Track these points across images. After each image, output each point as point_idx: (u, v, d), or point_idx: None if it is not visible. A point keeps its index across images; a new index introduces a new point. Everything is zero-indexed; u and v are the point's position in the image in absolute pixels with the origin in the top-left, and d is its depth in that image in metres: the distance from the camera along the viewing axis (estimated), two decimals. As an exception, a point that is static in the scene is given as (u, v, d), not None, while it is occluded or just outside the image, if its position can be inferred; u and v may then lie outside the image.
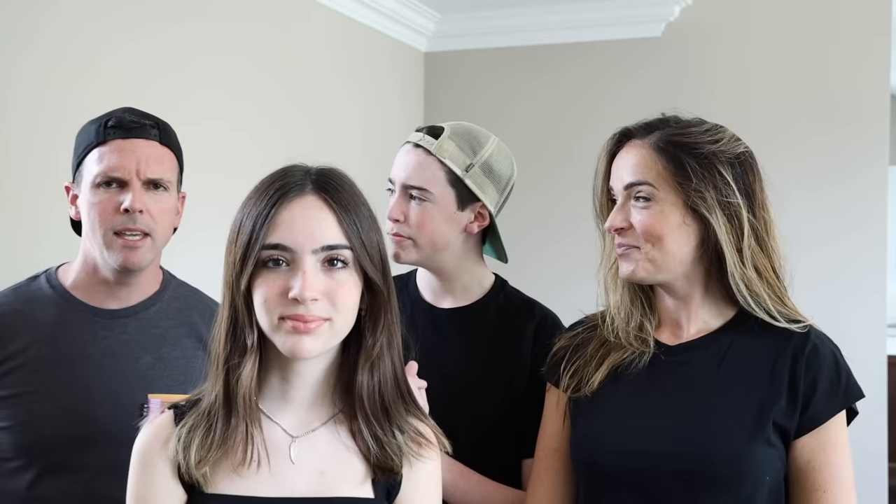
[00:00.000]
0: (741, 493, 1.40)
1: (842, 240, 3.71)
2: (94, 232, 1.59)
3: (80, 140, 1.63)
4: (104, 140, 1.57)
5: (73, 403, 1.57)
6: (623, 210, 1.47)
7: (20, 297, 1.63)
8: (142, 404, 1.59)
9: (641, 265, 1.46)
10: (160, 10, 2.72)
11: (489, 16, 4.10)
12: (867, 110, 3.70)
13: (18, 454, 1.56)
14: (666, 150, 1.45)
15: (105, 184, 1.57)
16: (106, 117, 1.61)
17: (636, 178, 1.46)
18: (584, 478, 1.51)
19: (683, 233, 1.44)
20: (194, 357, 1.68)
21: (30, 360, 1.57)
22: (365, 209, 1.24)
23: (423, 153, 1.70)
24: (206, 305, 1.76)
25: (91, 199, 1.58)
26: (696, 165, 1.43)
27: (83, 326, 1.62)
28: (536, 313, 1.75)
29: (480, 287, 1.77)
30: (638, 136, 1.49)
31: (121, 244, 1.58)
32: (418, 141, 1.72)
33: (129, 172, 1.57)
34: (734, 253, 1.43)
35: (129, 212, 1.57)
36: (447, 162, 1.69)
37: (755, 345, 1.46)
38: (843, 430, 1.45)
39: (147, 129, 1.60)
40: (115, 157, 1.57)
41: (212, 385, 1.23)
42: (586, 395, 1.50)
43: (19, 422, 1.55)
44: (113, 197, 1.58)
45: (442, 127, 1.73)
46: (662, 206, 1.44)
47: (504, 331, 1.72)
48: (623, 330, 1.51)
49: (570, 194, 3.90)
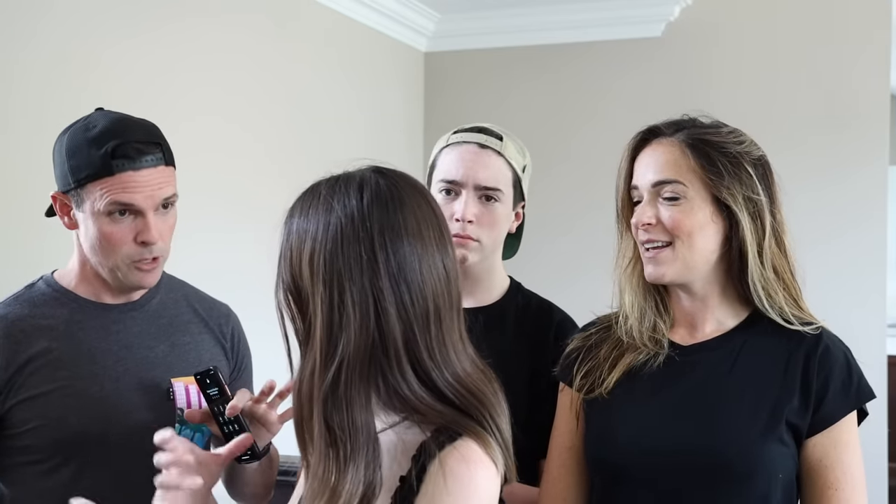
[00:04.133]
0: (755, 491, 1.41)
1: (842, 240, 3.71)
2: (106, 257, 1.59)
3: (79, 161, 1.56)
4: (111, 172, 1.53)
5: (105, 395, 1.59)
6: (651, 206, 1.48)
7: (24, 303, 1.64)
8: (167, 389, 1.64)
9: (671, 266, 1.46)
10: (159, 8, 2.72)
11: (489, 16, 4.10)
12: (867, 110, 3.71)
13: (57, 451, 1.57)
14: (696, 146, 1.46)
15: (119, 213, 1.56)
16: (106, 141, 1.54)
17: (665, 175, 1.47)
18: (599, 476, 1.52)
19: (711, 230, 1.46)
20: (202, 340, 1.72)
21: (53, 359, 1.58)
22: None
23: (493, 154, 1.71)
24: (194, 291, 1.80)
25: (102, 228, 1.56)
26: (726, 163, 1.45)
27: (96, 322, 1.63)
28: (555, 315, 1.77)
29: (500, 287, 1.79)
30: (665, 134, 1.50)
31: (136, 269, 1.60)
32: (483, 142, 1.72)
33: (144, 204, 1.56)
34: (755, 252, 1.45)
35: (145, 243, 1.57)
36: (513, 163, 1.73)
37: (768, 345, 1.47)
38: (854, 429, 1.46)
39: (153, 155, 1.57)
40: (129, 190, 1.54)
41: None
42: (601, 395, 1.51)
43: (55, 418, 1.56)
44: (126, 226, 1.57)
45: (495, 129, 1.75)
46: (692, 203, 1.45)
47: (526, 332, 1.73)
48: (637, 330, 1.52)
49: (569, 193, 3.91)
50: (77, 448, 1.57)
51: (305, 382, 1.14)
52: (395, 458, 1.12)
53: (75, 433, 1.57)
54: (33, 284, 1.68)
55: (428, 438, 1.10)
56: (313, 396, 1.12)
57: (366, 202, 1.14)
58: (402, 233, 1.13)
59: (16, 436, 1.57)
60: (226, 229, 2.97)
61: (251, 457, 1.57)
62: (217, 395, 1.54)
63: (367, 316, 1.11)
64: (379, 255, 1.12)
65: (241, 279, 2.89)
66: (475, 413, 1.13)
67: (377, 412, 1.14)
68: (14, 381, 1.56)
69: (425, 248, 1.14)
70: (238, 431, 1.55)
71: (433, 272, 1.14)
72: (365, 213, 1.13)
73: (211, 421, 1.57)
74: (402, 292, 1.12)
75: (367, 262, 1.11)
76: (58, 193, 1.61)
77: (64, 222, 1.64)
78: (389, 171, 1.19)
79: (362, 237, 1.12)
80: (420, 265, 1.13)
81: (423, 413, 1.12)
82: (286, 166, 3.27)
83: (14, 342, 1.58)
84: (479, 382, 1.16)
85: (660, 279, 1.48)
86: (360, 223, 1.12)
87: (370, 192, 1.15)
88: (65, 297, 1.64)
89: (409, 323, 1.12)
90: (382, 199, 1.14)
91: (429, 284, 1.13)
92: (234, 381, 1.75)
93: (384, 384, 1.13)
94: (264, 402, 1.58)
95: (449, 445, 1.09)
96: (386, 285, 1.11)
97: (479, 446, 1.10)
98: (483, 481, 1.10)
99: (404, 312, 1.12)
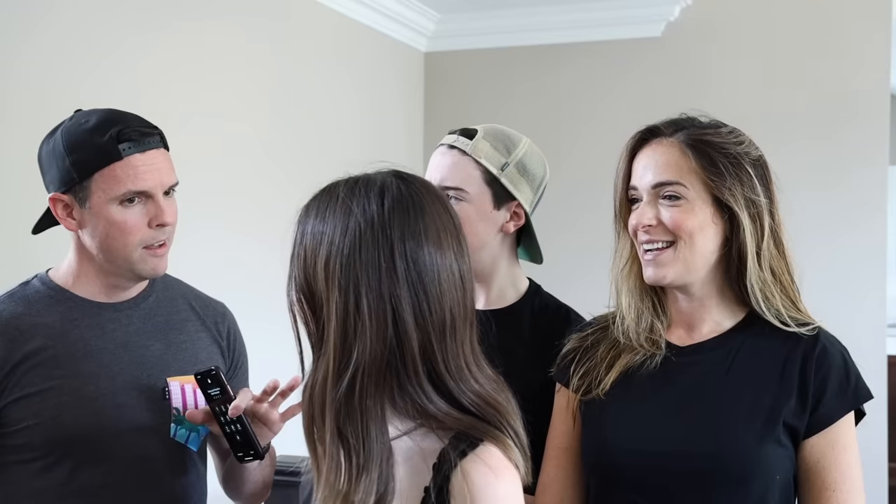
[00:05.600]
0: (752, 493, 1.41)
1: (841, 240, 3.71)
2: (120, 248, 1.58)
3: (83, 153, 1.56)
4: (120, 156, 1.55)
5: (101, 394, 1.58)
6: (652, 207, 1.47)
7: (18, 301, 1.63)
8: (163, 388, 1.64)
9: (672, 268, 1.46)
10: (159, 9, 2.72)
11: (489, 16, 4.10)
12: (867, 110, 3.71)
13: (51, 450, 1.56)
14: (696, 147, 1.45)
15: (129, 200, 1.57)
16: (108, 129, 1.56)
17: (665, 177, 1.46)
18: (595, 477, 1.51)
19: (711, 231, 1.45)
20: (198, 339, 1.72)
21: (48, 357, 1.58)
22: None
23: (458, 154, 1.71)
24: (190, 289, 1.80)
25: (113, 218, 1.56)
26: (727, 163, 1.44)
27: (91, 320, 1.63)
28: (573, 320, 1.74)
29: (515, 290, 1.77)
30: (664, 134, 1.49)
31: (149, 255, 1.60)
32: (452, 142, 1.72)
33: (155, 186, 1.57)
34: (754, 253, 1.44)
35: (161, 226, 1.58)
36: (483, 161, 1.70)
37: (765, 345, 1.47)
38: (851, 430, 1.46)
39: (155, 138, 1.60)
40: (139, 175, 1.56)
41: None
42: (598, 396, 1.50)
43: (50, 416, 1.55)
44: (139, 212, 1.57)
45: (475, 128, 1.74)
46: (693, 204, 1.44)
47: (541, 337, 1.71)
48: (634, 331, 1.51)
49: (568, 193, 3.90)
50: (72, 447, 1.56)
51: (318, 388, 1.12)
52: (413, 467, 1.10)
53: (70, 432, 1.56)
54: (28, 282, 1.67)
55: (447, 446, 1.08)
56: (326, 403, 1.10)
57: (387, 208, 1.11)
58: (422, 241, 1.11)
59: (9, 434, 1.56)
60: (224, 228, 2.97)
61: (254, 456, 1.57)
62: (219, 395, 1.54)
63: (383, 324, 1.09)
64: (398, 263, 1.09)
65: (239, 278, 2.90)
66: (493, 419, 1.12)
67: (391, 419, 1.12)
68: (9, 379, 1.56)
69: (444, 257, 1.12)
70: (240, 431, 1.54)
71: (451, 281, 1.12)
72: (386, 218, 1.10)
73: (212, 421, 1.57)
74: (420, 301, 1.10)
75: (386, 270, 1.09)
76: (57, 194, 1.59)
77: (66, 225, 1.62)
78: (410, 176, 1.17)
79: (382, 243, 1.09)
80: (439, 274, 1.11)
81: (441, 420, 1.10)
82: (286, 166, 3.27)
83: (10, 339, 1.57)
84: (492, 392, 1.15)
85: (660, 281, 1.47)
86: (380, 229, 1.10)
87: (391, 197, 1.12)
88: (60, 296, 1.63)
89: (427, 332, 1.10)
90: (404, 206, 1.12)
91: (447, 294, 1.12)
92: (230, 379, 1.75)
93: (400, 393, 1.11)
94: (266, 401, 1.58)
95: (471, 453, 1.07)
96: (405, 293, 1.09)
97: (500, 451, 1.09)
98: (509, 487, 1.08)
99: (422, 321, 1.10)
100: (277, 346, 2.91)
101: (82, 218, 1.59)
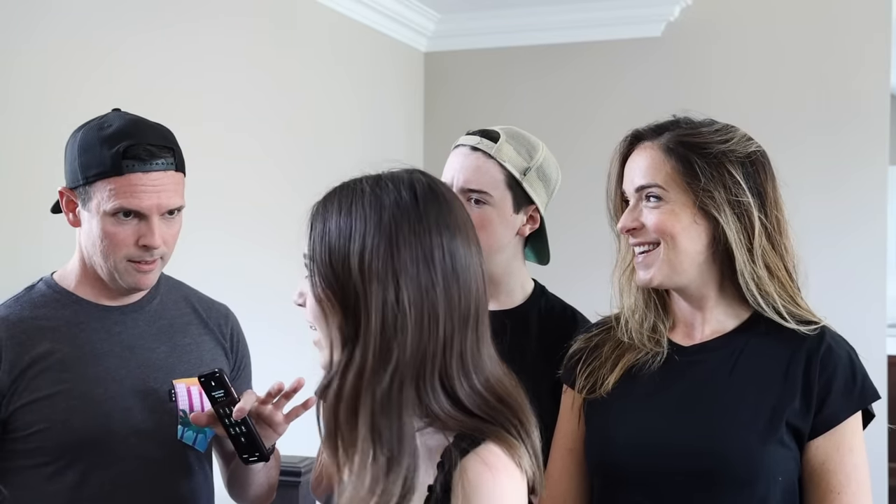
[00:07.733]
0: (754, 494, 1.40)
1: (842, 239, 3.71)
2: (105, 257, 1.58)
3: (90, 158, 1.56)
4: (121, 172, 1.53)
5: (108, 398, 1.59)
6: (634, 211, 1.48)
7: (24, 305, 1.63)
8: (169, 390, 1.64)
9: (658, 270, 1.46)
10: (158, 9, 2.71)
11: (489, 16, 4.10)
12: (867, 110, 3.70)
13: (62, 454, 1.56)
14: (675, 151, 1.46)
15: (124, 214, 1.56)
16: (119, 141, 1.54)
17: (646, 180, 1.47)
18: (599, 478, 1.51)
19: (695, 231, 1.45)
20: (203, 341, 1.72)
21: (56, 361, 1.58)
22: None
23: (482, 156, 1.71)
24: (193, 292, 1.80)
25: (105, 228, 1.56)
26: (704, 165, 1.44)
27: (97, 323, 1.63)
28: (578, 321, 1.75)
29: (523, 291, 1.78)
30: (648, 138, 1.50)
31: (133, 269, 1.59)
32: (476, 144, 1.72)
33: (150, 208, 1.56)
34: (744, 251, 1.43)
35: (147, 248, 1.57)
36: (507, 165, 1.70)
37: (769, 345, 1.46)
38: (858, 432, 1.45)
39: (164, 159, 1.57)
40: (136, 194, 1.54)
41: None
42: (601, 395, 1.50)
43: (60, 420, 1.55)
44: (130, 229, 1.56)
45: (496, 131, 1.73)
46: (673, 206, 1.45)
47: (548, 338, 1.72)
48: (637, 332, 1.52)
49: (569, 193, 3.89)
50: (81, 450, 1.57)
51: (350, 384, 1.09)
52: (421, 465, 1.10)
53: (80, 436, 1.56)
54: (33, 286, 1.67)
55: (450, 444, 1.08)
56: (360, 398, 1.08)
57: (420, 198, 1.11)
58: (455, 230, 1.12)
59: (20, 439, 1.56)
60: (226, 230, 2.96)
61: (259, 457, 1.57)
62: (223, 397, 1.54)
63: (420, 314, 1.08)
64: (436, 253, 1.09)
65: (242, 281, 2.90)
66: (503, 420, 1.10)
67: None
68: (18, 383, 1.56)
69: (470, 248, 1.13)
70: (245, 433, 1.54)
71: (477, 274, 1.13)
72: (422, 210, 1.10)
73: (216, 423, 1.57)
74: (452, 291, 1.10)
75: (424, 260, 1.08)
76: (65, 189, 1.62)
77: (68, 219, 1.64)
78: (428, 173, 1.17)
79: (421, 234, 1.09)
80: (468, 266, 1.12)
81: (444, 421, 1.09)
82: (286, 166, 3.27)
83: (17, 343, 1.57)
84: (509, 388, 1.14)
85: (648, 283, 1.48)
86: (416, 220, 1.10)
87: (422, 188, 1.12)
88: (66, 299, 1.64)
89: (453, 324, 1.10)
90: (436, 198, 1.12)
91: (473, 284, 1.12)
92: (233, 381, 1.75)
93: (415, 390, 1.09)
94: (271, 402, 1.58)
95: (471, 451, 1.06)
96: (440, 283, 1.09)
97: (502, 450, 1.08)
98: (508, 488, 1.06)
99: (451, 312, 1.09)
100: (279, 347, 2.92)
101: (82, 217, 1.61)
